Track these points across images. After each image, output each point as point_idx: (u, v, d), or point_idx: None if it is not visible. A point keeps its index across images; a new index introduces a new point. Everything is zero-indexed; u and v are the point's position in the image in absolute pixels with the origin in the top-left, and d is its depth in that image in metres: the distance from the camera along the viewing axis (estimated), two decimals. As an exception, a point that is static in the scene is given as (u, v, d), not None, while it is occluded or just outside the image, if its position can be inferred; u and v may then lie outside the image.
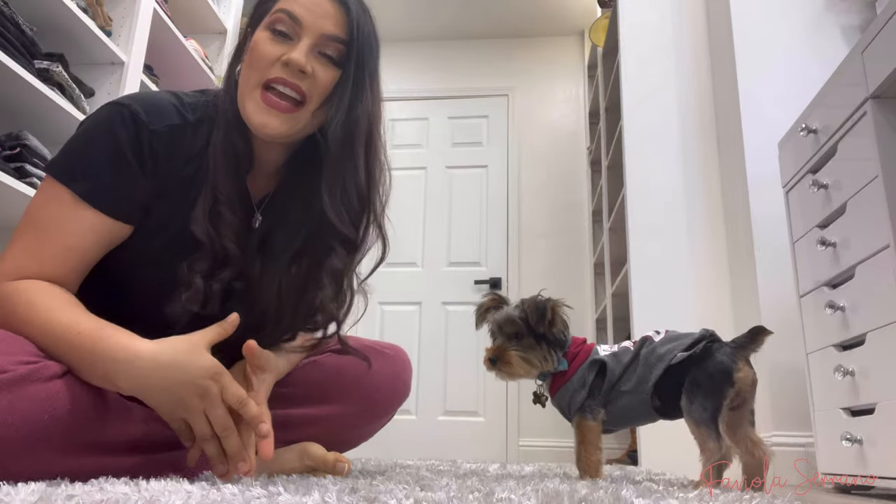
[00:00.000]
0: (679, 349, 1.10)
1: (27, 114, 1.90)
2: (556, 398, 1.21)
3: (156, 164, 0.92)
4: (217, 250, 0.92)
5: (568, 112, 4.18)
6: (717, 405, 1.05)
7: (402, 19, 4.19)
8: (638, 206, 2.57)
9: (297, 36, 0.92)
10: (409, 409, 3.65)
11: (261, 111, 0.91)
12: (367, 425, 1.18)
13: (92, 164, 0.89)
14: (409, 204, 4.06)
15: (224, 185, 0.93)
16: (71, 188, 0.87)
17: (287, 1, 0.93)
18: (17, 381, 0.73)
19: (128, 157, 0.89)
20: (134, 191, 0.91)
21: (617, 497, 0.69)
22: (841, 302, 1.46)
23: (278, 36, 0.92)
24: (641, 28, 2.78)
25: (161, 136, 0.92)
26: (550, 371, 1.20)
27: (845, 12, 2.26)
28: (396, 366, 1.19)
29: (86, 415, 0.78)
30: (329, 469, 1.01)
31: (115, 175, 0.89)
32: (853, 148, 1.42)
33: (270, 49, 0.91)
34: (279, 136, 0.94)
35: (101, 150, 0.89)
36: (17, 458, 0.73)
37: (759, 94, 2.25)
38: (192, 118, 0.96)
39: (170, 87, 2.63)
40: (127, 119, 0.90)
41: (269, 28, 0.93)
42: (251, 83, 0.92)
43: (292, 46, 0.91)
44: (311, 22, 0.92)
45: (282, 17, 0.92)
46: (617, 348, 1.19)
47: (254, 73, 0.92)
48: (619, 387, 1.15)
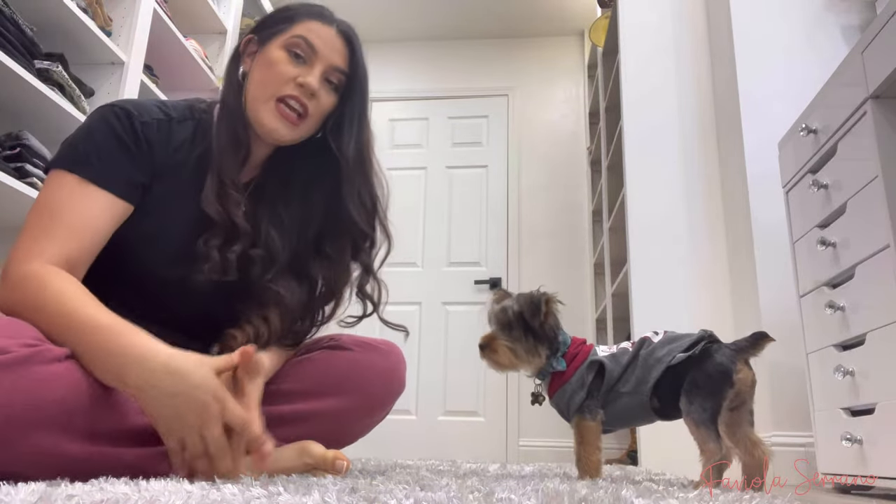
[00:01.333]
0: (678, 350, 1.10)
1: (27, 114, 1.90)
2: (555, 398, 1.21)
3: (150, 148, 1.02)
4: (228, 226, 1.03)
5: (568, 112, 4.18)
6: (716, 406, 1.05)
7: (402, 19, 4.19)
8: (638, 206, 2.57)
9: (311, 62, 1.08)
10: (409, 409, 3.65)
11: (274, 119, 1.07)
12: (362, 420, 1.18)
13: (94, 151, 0.98)
14: (409, 204, 4.06)
15: (229, 170, 1.05)
16: (77, 173, 0.96)
17: (304, 29, 1.08)
18: (21, 361, 0.76)
19: (126, 142, 1.00)
20: (134, 172, 1.00)
21: (617, 497, 0.69)
22: (841, 302, 1.46)
23: (295, 58, 1.07)
24: (641, 28, 2.78)
25: (150, 126, 1.03)
26: (549, 370, 1.20)
27: (845, 12, 2.26)
28: (390, 360, 1.19)
29: (88, 399, 0.80)
30: (329, 467, 1.01)
31: (116, 158, 0.99)
32: (853, 148, 1.42)
33: (288, 69, 1.06)
34: (282, 141, 1.10)
35: (101, 138, 0.99)
36: (21, 439, 0.75)
37: (759, 94, 2.25)
38: (175, 116, 1.08)
39: (170, 87, 2.63)
40: (119, 113, 1.01)
41: (287, 49, 1.07)
42: (267, 93, 1.07)
43: (306, 70, 1.07)
44: (325, 53, 1.08)
45: (300, 42, 1.07)
46: (616, 349, 1.19)
47: (270, 85, 1.07)
48: (617, 388, 1.15)
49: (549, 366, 1.21)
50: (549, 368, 1.21)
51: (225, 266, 1.01)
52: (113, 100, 1.10)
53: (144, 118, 1.03)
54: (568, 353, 1.20)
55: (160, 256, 1.03)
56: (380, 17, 4.15)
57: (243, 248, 1.04)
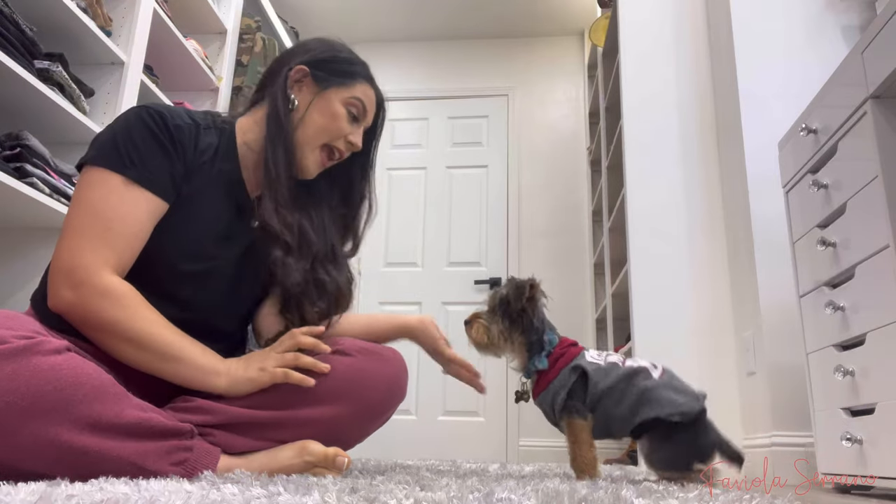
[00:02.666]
0: (676, 409, 1.12)
1: (27, 114, 1.90)
2: (540, 398, 1.22)
3: (183, 150, 1.08)
4: (284, 239, 1.14)
5: (568, 112, 4.18)
6: (683, 468, 1.12)
7: (403, 19, 4.19)
8: (638, 206, 2.57)
9: (360, 122, 1.23)
10: (409, 409, 3.65)
11: (316, 165, 1.20)
12: (362, 427, 1.18)
13: (135, 151, 1.02)
14: (409, 204, 4.06)
15: (282, 189, 1.15)
16: (122, 174, 1.00)
17: (363, 93, 1.22)
18: (20, 351, 0.79)
19: (163, 143, 1.05)
20: (172, 171, 1.06)
21: (617, 497, 0.69)
22: (841, 302, 1.46)
23: (352, 119, 1.21)
24: (641, 28, 2.78)
25: (181, 129, 1.08)
26: (532, 369, 1.22)
27: (845, 12, 2.26)
28: (392, 368, 1.19)
29: (87, 390, 0.82)
30: (329, 464, 1.01)
31: (156, 158, 1.04)
32: (853, 148, 1.42)
33: (345, 126, 1.19)
34: (304, 177, 1.21)
35: (140, 138, 1.03)
36: (21, 428, 0.77)
37: (759, 93, 2.25)
38: (200, 122, 1.14)
39: (170, 87, 2.63)
40: (154, 114, 1.06)
41: (347, 107, 1.19)
42: (320, 140, 1.18)
43: (357, 129, 1.22)
44: (369, 117, 1.24)
45: (358, 105, 1.21)
46: (604, 362, 1.19)
47: (325, 134, 1.18)
48: (605, 403, 1.16)
49: (533, 364, 1.21)
50: (532, 367, 1.21)
51: (301, 274, 1.15)
52: (121, 101, 1.19)
53: (176, 121, 1.08)
54: (553, 353, 1.21)
55: (182, 251, 1.08)
56: (380, 17, 4.15)
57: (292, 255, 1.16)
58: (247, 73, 3.09)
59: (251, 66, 3.10)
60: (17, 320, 0.86)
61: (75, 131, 2.02)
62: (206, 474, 0.89)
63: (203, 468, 0.91)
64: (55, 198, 1.85)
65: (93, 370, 0.85)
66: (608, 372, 1.16)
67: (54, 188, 1.86)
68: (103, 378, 0.86)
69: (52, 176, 1.86)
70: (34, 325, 0.87)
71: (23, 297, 1.95)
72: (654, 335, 2.40)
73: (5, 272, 1.99)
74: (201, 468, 0.91)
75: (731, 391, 2.25)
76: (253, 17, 3.24)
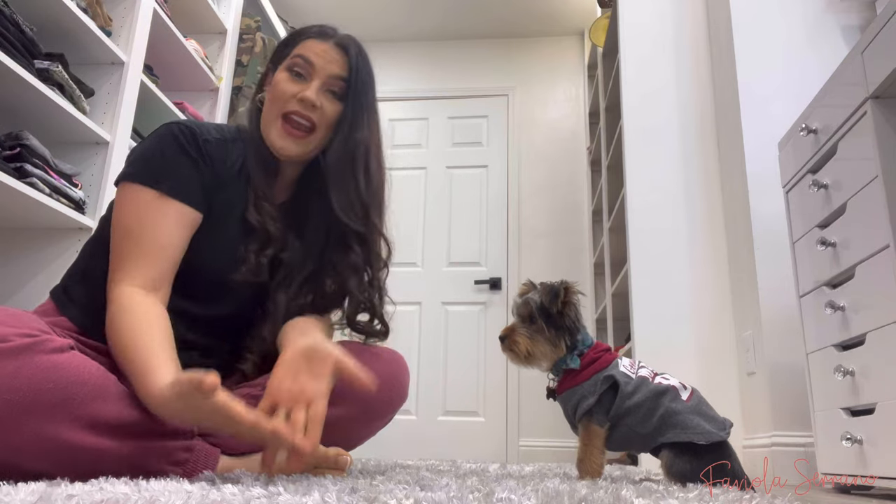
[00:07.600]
0: (703, 435, 1.10)
1: (27, 114, 1.90)
2: (564, 397, 1.21)
3: (213, 163, 1.11)
4: (262, 232, 1.13)
5: (568, 112, 4.18)
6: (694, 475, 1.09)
7: (403, 19, 4.19)
8: (638, 206, 2.57)
9: (310, 77, 1.14)
10: (409, 409, 3.65)
11: (281, 137, 1.14)
12: (363, 429, 1.18)
13: (168, 165, 1.06)
14: (409, 204, 4.05)
15: (261, 185, 1.16)
16: (156, 188, 1.03)
17: (303, 48, 1.16)
18: (22, 349, 0.79)
19: (193, 156, 1.08)
20: (202, 182, 1.09)
21: (617, 497, 0.69)
22: (841, 302, 1.46)
23: (295, 76, 1.14)
24: (641, 28, 2.78)
25: (211, 144, 1.12)
26: (562, 366, 1.21)
27: (845, 12, 2.26)
28: (393, 369, 1.19)
29: (89, 389, 0.83)
30: (330, 464, 1.01)
31: (188, 171, 1.07)
32: (853, 148, 1.42)
33: (289, 87, 1.14)
34: (294, 157, 1.16)
35: (172, 153, 1.07)
36: (21, 426, 0.77)
37: (760, 93, 2.25)
38: (228, 137, 1.17)
39: (170, 87, 2.63)
40: (185, 130, 1.10)
41: (288, 69, 1.15)
42: (273, 114, 1.14)
43: (306, 85, 1.13)
44: (321, 66, 1.15)
45: (298, 61, 1.15)
46: (635, 375, 1.18)
47: (275, 106, 1.14)
48: (628, 421, 1.15)
49: (564, 361, 1.20)
50: (562, 364, 1.21)
51: (258, 268, 1.11)
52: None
53: (206, 136, 1.11)
54: (587, 354, 1.20)
55: (209, 258, 1.10)
56: (380, 17, 4.14)
57: (274, 253, 1.14)
58: (247, 73, 3.09)
59: (251, 66, 3.10)
60: (20, 318, 0.86)
61: (75, 131, 2.02)
62: (206, 474, 0.89)
63: (203, 468, 0.91)
64: (55, 198, 1.85)
65: (95, 369, 0.85)
66: (637, 387, 1.16)
67: (54, 188, 1.86)
68: (105, 377, 0.86)
69: (52, 176, 1.86)
70: (37, 324, 0.87)
71: (23, 296, 1.95)
72: (654, 335, 2.40)
73: (5, 272, 1.99)
74: (201, 468, 0.91)
75: (731, 391, 2.25)
76: (253, 17, 3.24)
